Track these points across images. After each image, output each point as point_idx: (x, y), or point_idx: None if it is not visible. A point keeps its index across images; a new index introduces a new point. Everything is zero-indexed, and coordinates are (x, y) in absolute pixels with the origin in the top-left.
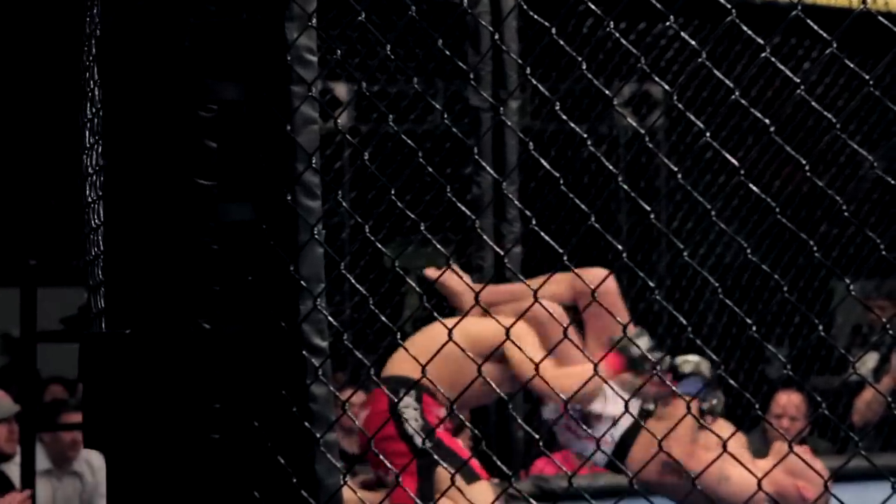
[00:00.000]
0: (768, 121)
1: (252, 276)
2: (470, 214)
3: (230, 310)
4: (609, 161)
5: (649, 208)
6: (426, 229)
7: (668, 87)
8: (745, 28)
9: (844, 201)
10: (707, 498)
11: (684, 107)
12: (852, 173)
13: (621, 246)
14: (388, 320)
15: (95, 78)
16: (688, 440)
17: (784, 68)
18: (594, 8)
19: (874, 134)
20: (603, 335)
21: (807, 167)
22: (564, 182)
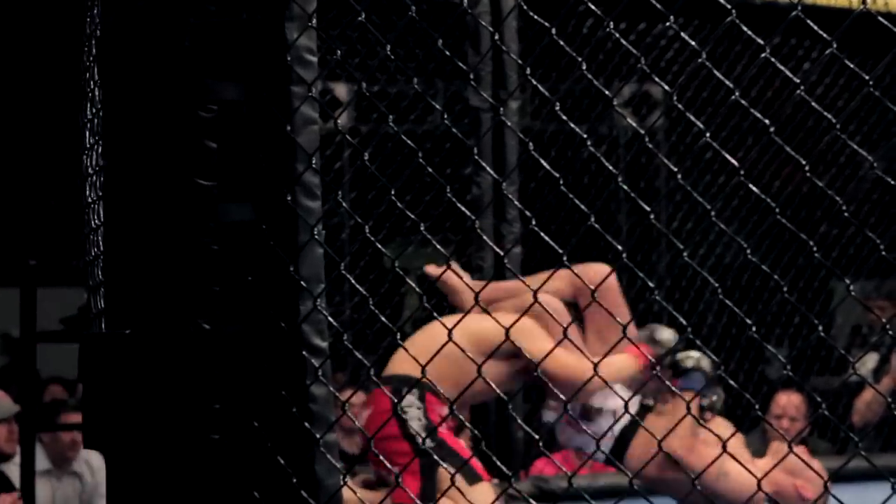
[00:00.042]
0: (768, 121)
1: (252, 277)
2: (470, 215)
3: (230, 310)
4: (609, 161)
5: (649, 209)
6: (426, 230)
7: (668, 88)
8: (745, 28)
9: (844, 202)
10: (706, 493)
11: (684, 107)
12: (852, 174)
13: (621, 246)
14: (388, 320)
15: (95, 78)
16: (688, 434)
17: (784, 69)
18: (594, 8)
19: (874, 134)
20: (604, 331)
21: (807, 168)
22: (564, 182)
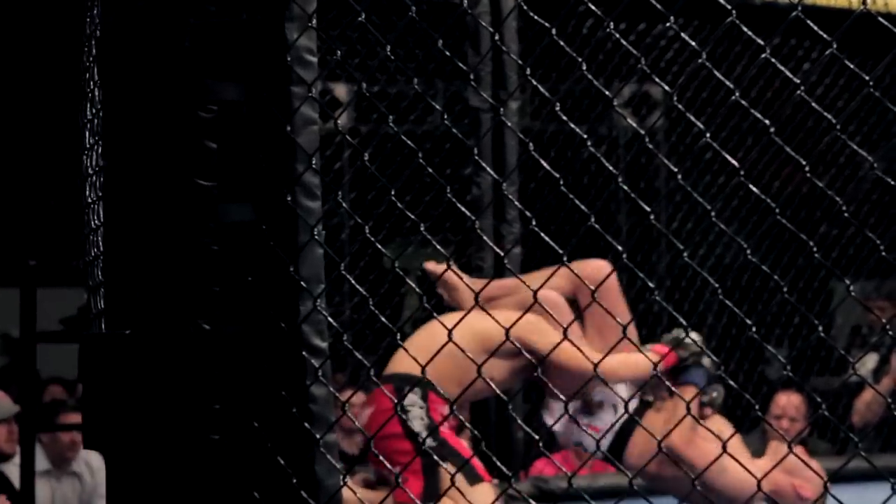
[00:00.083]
0: (768, 121)
1: (252, 277)
2: (470, 215)
3: (230, 310)
4: (609, 162)
5: (649, 209)
6: (426, 230)
7: (668, 88)
8: (745, 29)
9: (844, 202)
10: (704, 488)
11: (684, 108)
12: (852, 174)
13: (621, 247)
14: (388, 321)
15: (95, 78)
16: (687, 428)
17: (784, 69)
18: (594, 9)
19: (874, 135)
20: (604, 327)
21: (807, 168)
22: (564, 183)
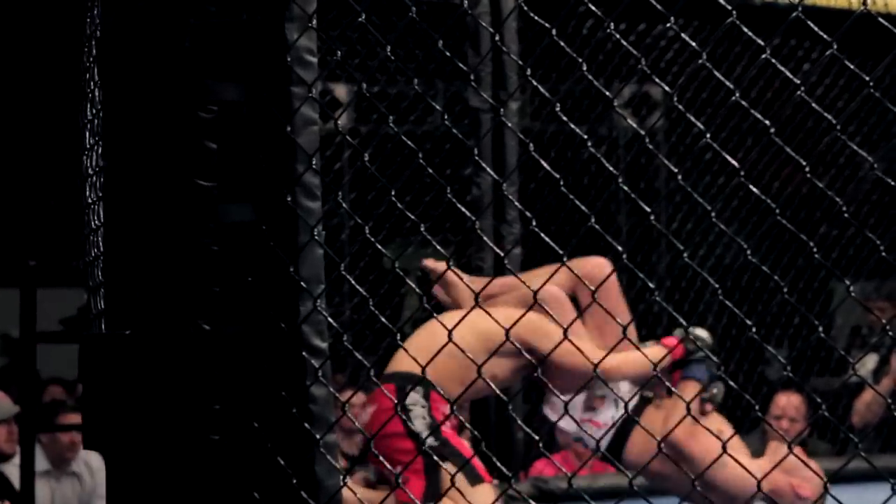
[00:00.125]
0: (768, 122)
1: (252, 278)
2: (470, 216)
3: (230, 311)
4: (609, 162)
5: (649, 209)
6: (426, 230)
7: (668, 89)
8: (746, 29)
9: (844, 202)
10: (704, 483)
11: (684, 108)
12: (852, 174)
13: (621, 247)
14: (388, 321)
15: (96, 79)
16: (689, 422)
17: (784, 69)
18: (594, 9)
19: (874, 135)
20: (603, 324)
21: (807, 168)
22: (564, 183)
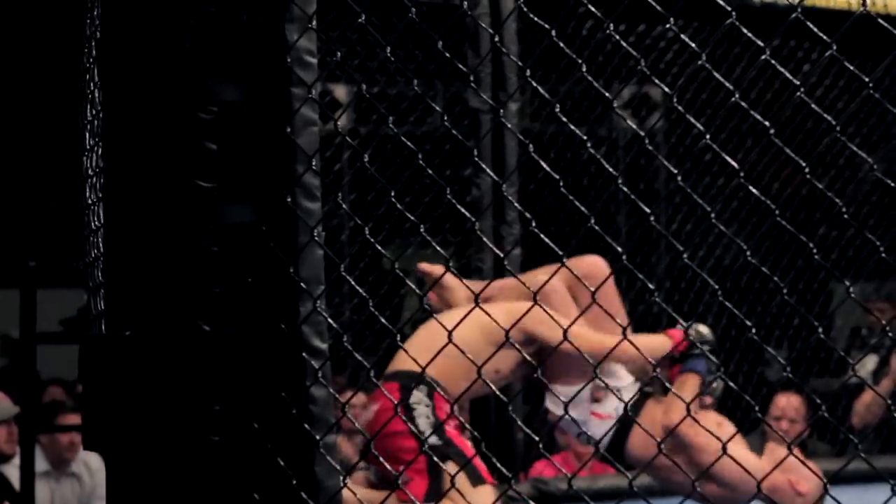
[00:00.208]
0: (768, 123)
1: (252, 278)
2: (469, 216)
3: (230, 312)
4: (608, 163)
5: (649, 210)
6: (426, 231)
7: (668, 90)
8: (745, 30)
9: (844, 203)
10: (706, 475)
11: (684, 109)
12: (852, 175)
13: (621, 248)
14: (388, 322)
15: (96, 80)
16: (691, 412)
17: (784, 70)
18: (594, 10)
19: (874, 136)
20: (599, 320)
21: (806, 169)
22: (564, 184)
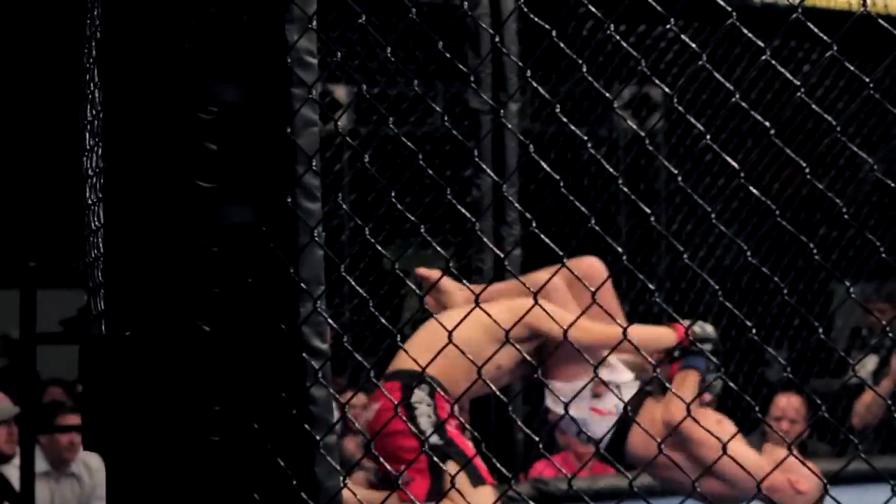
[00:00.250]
0: (768, 123)
1: (252, 279)
2: (470, 217)
3: (230, 312)
4: (609, 164)
5: (649, 211)
6: (426, 232)
7: (668, 90)
8: (746, 31)
9: (844, 204)
10: (706, 467)
11: (684, 109)
12: (852, 176)
13: (621, 248)
14: (388, 322)
15: (96, 80)
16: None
17: (784, 71)
18: (594, 10)
19: (874, 136)
20: (597, 319)
21: (807, 170)
22: (564, 185)
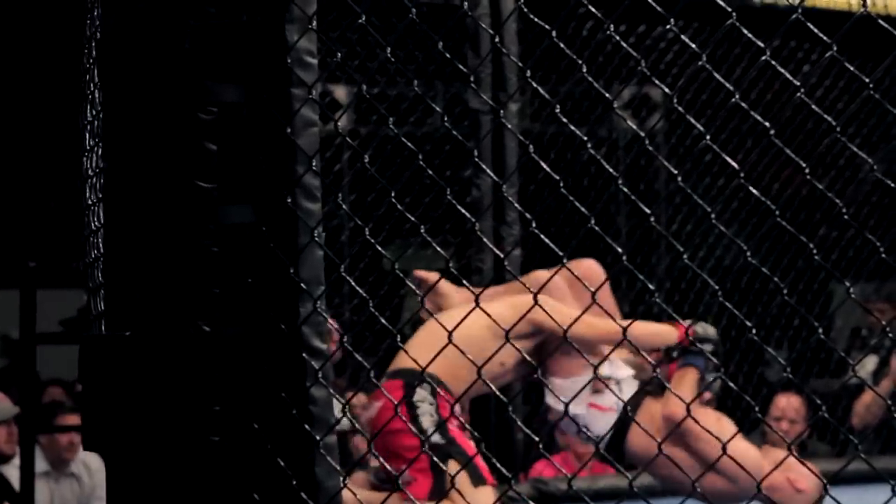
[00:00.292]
0: (768, 124)
1: (252, 279)
2: (470, 217)
3: (230, 312)
4: (609, 164)
5: (649, 211)
6: (426, 232)
7: (668, 90)
8: (745, 31)
9: (844, 204)
10: (706, 464)
11: (684, 110)
12: (852, 176)
13: (621, 249)
14: (388, 322)
15: (96, 80)
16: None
17: (784, 71)
18: (594, 10)
19: (874, 137)
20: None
21: (807, 170)
22: (564, 185)
